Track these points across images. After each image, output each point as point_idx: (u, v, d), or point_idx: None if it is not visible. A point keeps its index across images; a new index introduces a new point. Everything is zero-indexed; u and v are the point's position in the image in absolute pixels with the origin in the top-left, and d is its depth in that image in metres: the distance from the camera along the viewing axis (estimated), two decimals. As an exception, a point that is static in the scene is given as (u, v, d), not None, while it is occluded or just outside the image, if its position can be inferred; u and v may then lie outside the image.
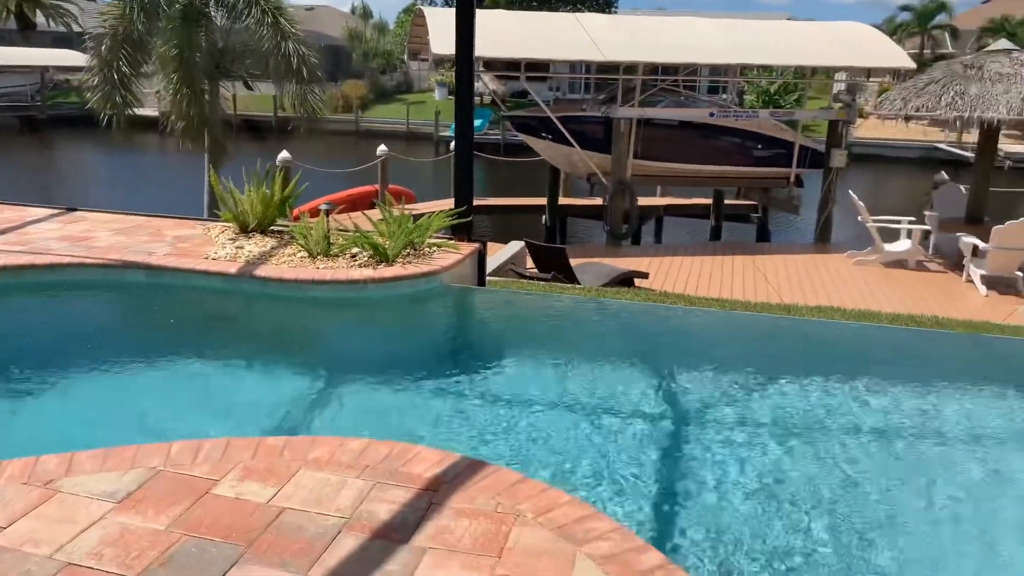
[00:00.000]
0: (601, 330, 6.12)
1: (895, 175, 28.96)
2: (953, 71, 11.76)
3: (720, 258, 12.66)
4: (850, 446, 4.10)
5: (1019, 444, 4.35)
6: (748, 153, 14.77)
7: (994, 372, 5.58)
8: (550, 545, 2.58)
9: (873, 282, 11.27)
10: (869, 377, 4.98)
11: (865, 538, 3.21)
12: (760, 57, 14.56)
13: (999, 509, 3.63)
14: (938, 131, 32.76)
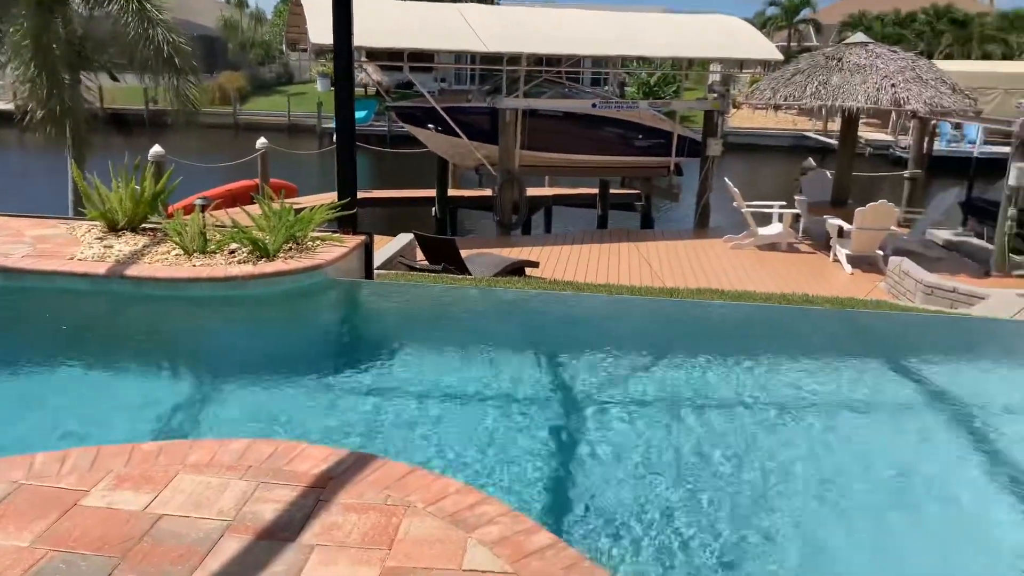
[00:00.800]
0: (491, 319, 6.15)
1: (767, 162, 30.43)
2: (816, 62, 12.46)
3: (607, 246, 12.98)
4: (730, 419, 4.29)
5: (881, 409, 4.66)
6: (630, 143, 15.18)
7: (856, 343, 5.96)
8: (441, 533, 2.57)
9: (748, 264, 11.83)
10: (746, 353, 5.22)
11: (750, 511, 3.37)
12: (639, 49, 14.97)
13: (863, 469, 3.88)
14: (806, 120, 34.75)
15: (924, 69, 12.06)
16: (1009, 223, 11.23)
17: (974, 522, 3.48)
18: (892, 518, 3.45)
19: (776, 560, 3.03)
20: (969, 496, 3.69)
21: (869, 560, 3.13)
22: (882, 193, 13.78)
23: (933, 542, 3.33)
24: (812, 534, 3.28)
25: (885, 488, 3.72)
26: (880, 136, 31.44)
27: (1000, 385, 5.24)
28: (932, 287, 9.17)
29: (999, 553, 3.24)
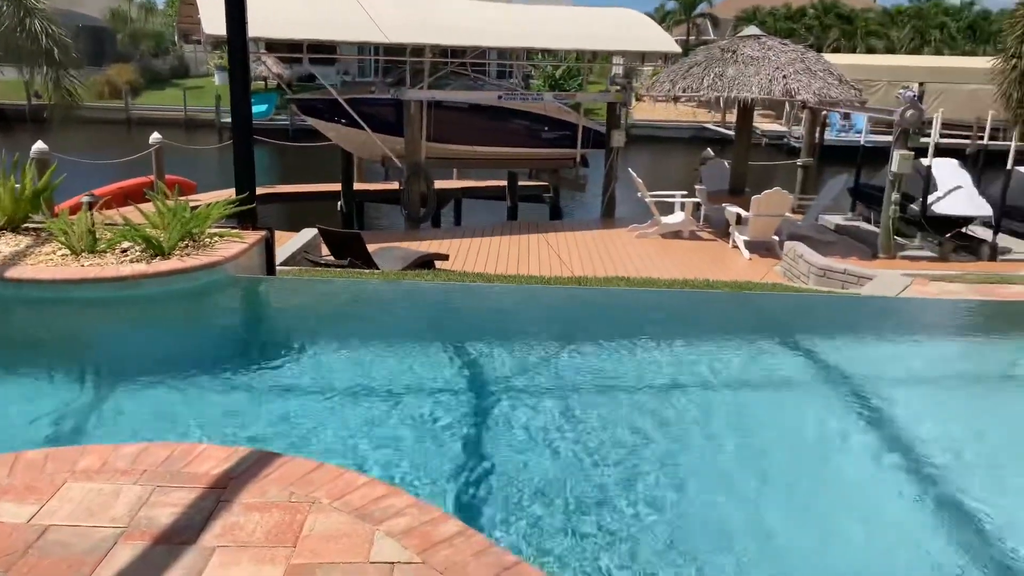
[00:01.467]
0: (399, 312, 6.10)
1: (670, 153, 31.23)
2: (712, 55, 12.86)
3: (517, 237, 13.05)
4: (639, 400, 4.40)
5: (778, 382, 4.87)
6: (537, 135, 15.30)
7: (753, 323, 6.20)
8: (348, 528, 2.54)
9: (653, 252, 12.12)
10: (651, 336, 5.36)
11: (659, 490, 3.46)
12: (543, 41, 15.10)
13: (762, 438, 4.05)
14: (705, 112, 35.86)
15: (813, 61, 12.61)
16: (893, 208, 11.88)
17: (862, 489, 3.68)
18: (788, 486, 3.61)
19: (681, 530, 3.13)
20: (856, 463, 3.90)
21: (773, 527, 3.27)
22: (777, 181, 14.31)
23: (820, 508, 3.50)
24: (711, 502, 3.40)
25: (787, 455, 3.89)
26: (775, 127, 32.74)
27: (886, 356, 5.56)
28: (824, 269, 9.60)
29: (882, 518, 3.44)
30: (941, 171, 13.20)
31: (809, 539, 3.26)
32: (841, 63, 18.26)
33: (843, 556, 3.12)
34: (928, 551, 3.16)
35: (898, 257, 11.91)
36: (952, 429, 4.37)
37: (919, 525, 3.36)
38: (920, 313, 7.08)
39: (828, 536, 3.27)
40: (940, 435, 4.24)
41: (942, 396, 4.94)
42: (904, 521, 3.38)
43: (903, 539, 3.26)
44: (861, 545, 3.20)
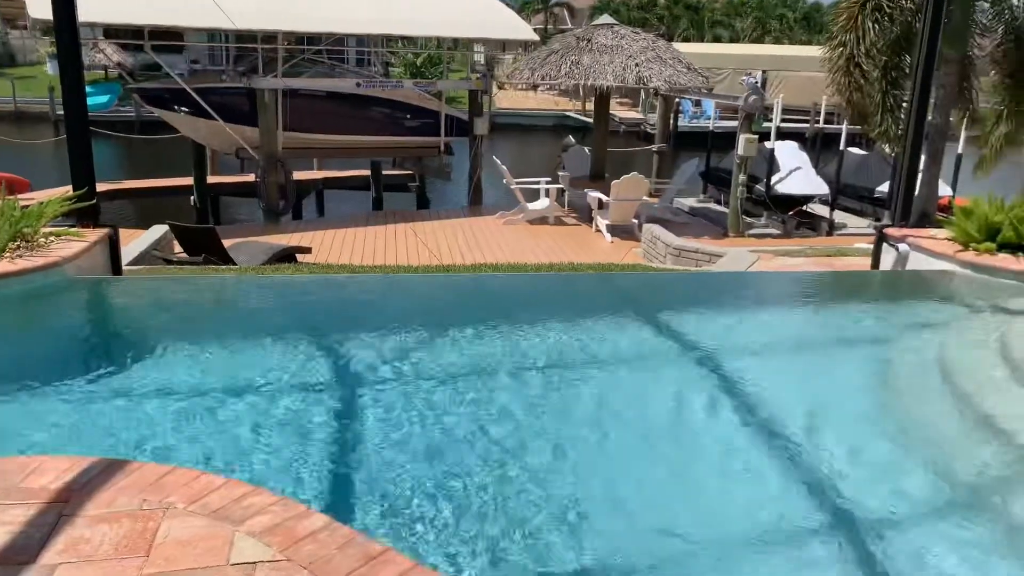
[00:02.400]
0: (258, 308, 5.88)
1: (533, 141, 31.71)
2: (568, 44, 13.13)
3: (383, 227, 12.88)
4: (515, 383, 4.45)
5: (640, 356, 5.05)
6: (399, 123, 15.14)
7: (614, 301, 6.41)
8: (205, 531, 2.43)
9: (521, 238, 12.30)
10: (521, 320, 5.43)
11: (529, 470, 3.51)
12: (402, 28, 14.91)
13: (629, 409, 4.20)
14: (567, 101, 36.64)
15: (663, 50, 13.13)
16: (741, 189, 12.59)
17: (718, 447, 3.89)
18: (650, 455, 3.77)
19: (539, 503, 3.19)
20: (714, 423, 4.12)
21: (635, 493, 3.39)
22: (635, 166, 14.84)
23: (681, 476, 3.68)
24: (575, 476, 3.50)
25: (653, 420, 4.06)
26: (632, 114, 33.89)
27: (737, 326, 5.90)
28: (680, 249, 10.05)
29: (736, 475, 3.65)
30: (783, 153, 14.13)
31: (675, 498, 3.42)
32: (690, 52, 19.13)
33: (703, 512, 3.29)
34: (776, 501, 3.39)
35: (747, 235, 12.64)
36: (796, 389, 4.69)
37: (770, 479, 3.59)
38: (767, 285, 7.55)
39: (691, 495, 3.45)
40: (786, 395, 4.55)
41: (787, 359, 5.30)
42: (757, 476, 3.60)
43: (756, 492, 3.48)
44: (719, 501, 3.39)
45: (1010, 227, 6.62)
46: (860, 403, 4.60)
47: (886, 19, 10.80)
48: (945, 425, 4.20)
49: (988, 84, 12.01)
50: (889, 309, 6.55)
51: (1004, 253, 6.64)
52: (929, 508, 3.42)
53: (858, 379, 5.01)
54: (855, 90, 11.15)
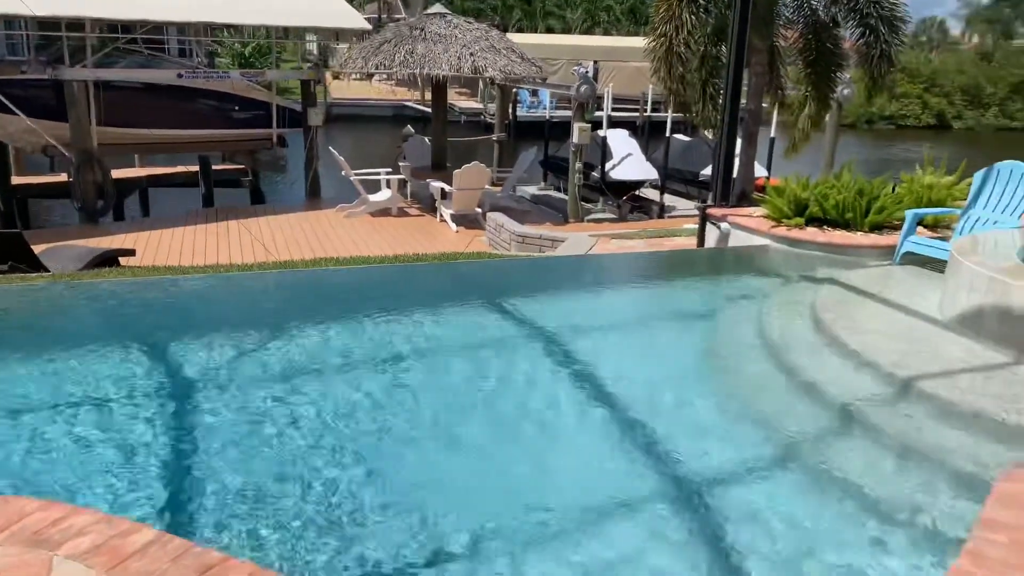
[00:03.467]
0: (75, 317, 5.43)
1: (373, 132, 31.17)
2: (401, 32, 12.99)
3: (215, 225, 12.24)
4: (358, 378, 4.37)
5: (488, 340, 5.11)
6: (226, 116, 14.42)
7: (461, 289, 6.44)
8: (18, 559, 2.22)
9: (363, 231, 12.08)
10: (365, 312, 5.34)
11: (377, 462, 3.45)
12: (224, 16, 14.17)
13: (480, 393, 4.24)
14: (406, 91, 36.27)
15: (497, 39, 13.26)
16: (577, 176, 12.98)
17: (562, 429, 4.01)
18: (500, 435, 3.83)
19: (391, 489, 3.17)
20: (561, 396, 4.24)
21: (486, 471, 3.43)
22: (477, 156, 14.94)
23: (533, 450, 3.76)
24: (427, 461, 3.50)
25: (504, 398, 4.11)
26: (472, 105, 34.09)
27: (580, 306, 6.10)
28: (523, 236, 10.23)
29: (577, 445, 3.78)
30: (615, 141, 14.68)
31: (525, 469, 3.48)
32: (524, 42, 19.45)
33: (553, 485, 3.38)
34: (614, 465, 3.54)
35: (585, 220, 13.06)
36: (636, 361, 4.92)
37: (609, 448, 3.74)
38: (605, 267, 7.85)
39: (541, 470, 3.53)
40: (628, 368, 4.75)
41: (626, 334, 5.55)
42: (597, 446, 3.75)
43: (599, 461, 3.61)
44: (564, 470, 3.49)
45: (815, 203, 7.24)
46: (692, 370, 4.89)
47: (702, 11, 11.44)
48: (766, 384, 4.54)
49: (794, 72, 13.03)
50: (714, 283, 7.00)
51: (811, 227, 7.25)
52: (757, 465, 3.68)
53: (689, 348, 5.32)
54: (677, 80, 11.75)
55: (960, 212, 6.60)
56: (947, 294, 5.23)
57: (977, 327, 4.77)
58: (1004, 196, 6.30)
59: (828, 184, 7.46)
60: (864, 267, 6.46)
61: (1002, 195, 6.31)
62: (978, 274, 4.81)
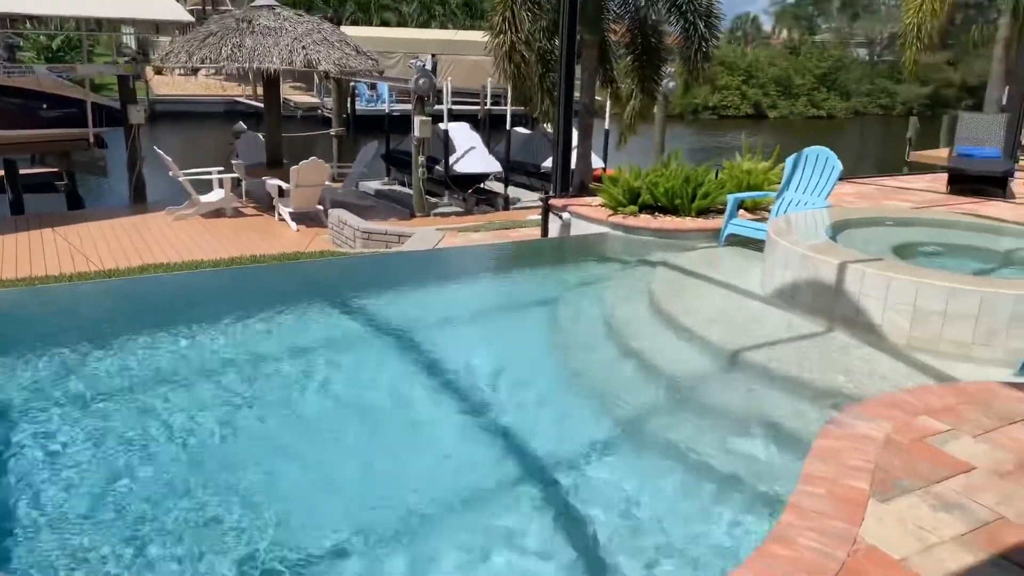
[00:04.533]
0: None
1: (203, 129, 29.61)
2: (227, 25, 12.36)
3: (25, 235, 11.17)
4: (199, 387, 4.14)
5: (336, 341, 4.98)
6: (32, 114, 13.17)
7: (303, 289, 6.24)
8: None
9: (195, 234, 11.43)
10: (198, 320, 5.06)
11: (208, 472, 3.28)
12: (25, 6, 12.94)
13: (321, 394, 4.12)
14: (236, 86, 34.64)
15: (329, 32, 12.91)
16: (421, 170, 12.92)
17: (418, 422, 3.99)
18: (354, 433, 3.75)
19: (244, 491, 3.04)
20: (415, 392, 4.21)
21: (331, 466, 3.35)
22: (316, 151, 14.51)
23: (386, 446, 3.72)
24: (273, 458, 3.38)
25: (354, 403, 4.02)
26: (308, 99, 33.09)
27: (429, 300, 6.08)
28: (368, 232, 10.05)
29: (433, 439, 3.77)
30: (457, 134, 14.74)
31: (385, 467, 3.43)
32: (359, 35, 19.12)
33: (408, 481, 3.35)
34: (467, 454, 3.56)
35: (432, 214, 13.04)
36: (487, 351, 4.97)
37: (463, 437, 3.76)
38: (453, 260, 7.87)
39: (397, 464, 3.49)
40: (479, 358, 4.79)
41: (476, 325, 5.59)
42: (452, 438, 3.75)
43: (453, 452, 3.62)
44: (422, 468, 3.47)
45: (647, 191, 7.60)
46: (540, 356, 5.00)
47: (537, 8, 11.71)
48: (609, 364, 4.72)
49: (624, 67, 13.60)
50: (558, 270, 7.19)
51: (644, 214, 7.61)
52: (603, 441, 3.82)
53: (536, 335, 5.44)
54: (518, 75, 11.96)
55: (775, 195, 7.13)
56: (766, 271, 5.64)
57: (792, 300, 5.18)
58: (812, 179, 6.87)
59: (658, 173, 7.84)
60: (693, 250, 6.85)
61: (811, 178, 6.88)
62: (792, 252, 5.22)
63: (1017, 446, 2.99)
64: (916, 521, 2.51)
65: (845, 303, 4.80)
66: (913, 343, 4.52)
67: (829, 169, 6.75)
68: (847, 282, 4.78)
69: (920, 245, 5.89)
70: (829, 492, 2.67)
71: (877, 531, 2.45)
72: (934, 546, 2.38)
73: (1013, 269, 5.63)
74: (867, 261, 4.87)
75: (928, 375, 4.20)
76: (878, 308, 4.65)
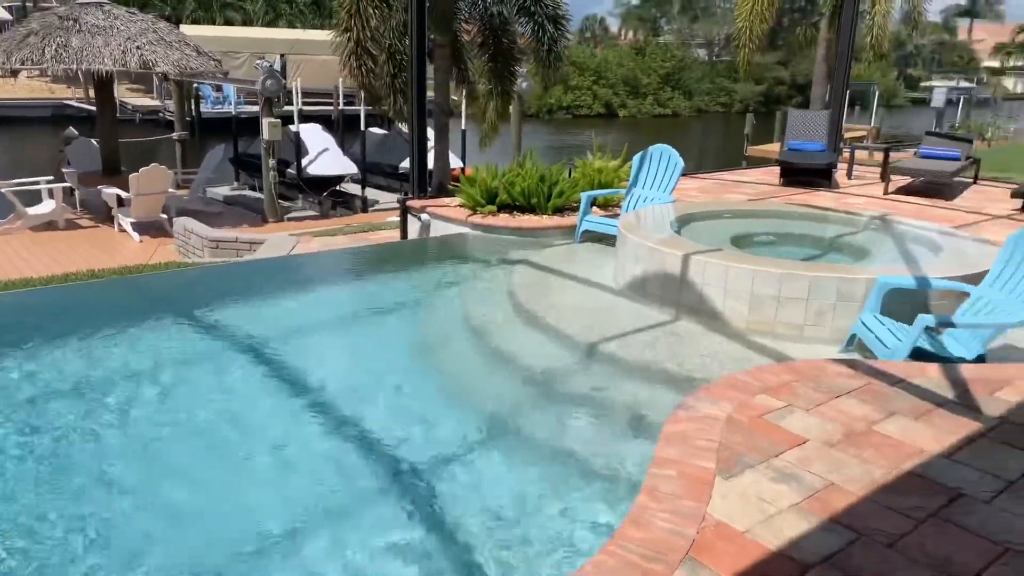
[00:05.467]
0: None
1: (28, 136, 27.37)
2: (51, 23, 11.45)
3: None
4: (31, 413, 3.81)
5: (184, 358, 4.74)
6: None
7: (147, 304, 5.89)
8: None
9: (23, 249, 10.53)
10: (26, 344, 4.67)
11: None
12: None
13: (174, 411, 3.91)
14: (65, 88, 32.16)
15: (166, 32, 12.23)
16: (272, 174, 12.48)
17: (281, 436, 3.86)
18: (213, 453, 3.57)
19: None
20: (276, 405, 4.07)
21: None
22: (158, 157, 13.70)
23: (245, 465, 3.57)
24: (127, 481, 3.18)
25: (214, 418, 3.83)
26: (147, 102, 31.24)
27: (285, 309, 5.89)
28: (217, 240, 9.62)
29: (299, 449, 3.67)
30: (309, 136, 14.35)
31: (240, 491, 3.29)
32: (201, 35, 18.26)
33: (269, 496, 3.24)
34: (333, 465, 3.49)
35: (285, 219, 12.63)
36: (349, 359, 4.88)
37: (328, 447, 3.68)
38: (309, 266, 7.66)
39: (256, 483, 3.36)
40: (341, 366, 4.70)
41: (336, 333, 5.48)
42: (317, 448, 3.66)
43: (319, 464, 3.53)
44: (285, 483, 3.36)
45: (504, 191, 7.70)
46: (404, 359, 4.97)
47: (386, 6, 11.57)
48: (473, 364, 4.76)
49: (479, 66, 13.69)
50: (419, 272, 7.16)
51: (503, 213, 7.71)
52: (470, 440, 3.84)
53: (399, 338, 5.40)
54: (367, 74, 11.78)
55: (625, 192, 7.41)
56: (618, 266, 5.86)
57: (643, 292, 5.41)
58: (658, 175, 7.19)
59: (514, 172, 7.96)
60: (551, 247, 7.01)
61: (656, 175, 7.20)
62: (640, 246, 5.45)
63: (844, 418, 3.26)
64: (757, 494, 2.68)
65: (690, 292, 5.06)
66: (752, 327, 4.83)
67: (672, 166, 7.10)
68: (691, 272, 5.05)
69: (756, 235, 6.30)
70: (679, 473, 2.81)
71: (723, 507, 2.61)
72: (773, 516, 2.56)
73: (838, 254, 6.12)
74: (708, 252, 5.16)
75: (766, 355, 4.50)
76: (719, 296, 4.93)
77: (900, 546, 2.40)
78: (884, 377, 3.68)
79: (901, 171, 10.16)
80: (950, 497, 2.67)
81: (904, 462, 2.91)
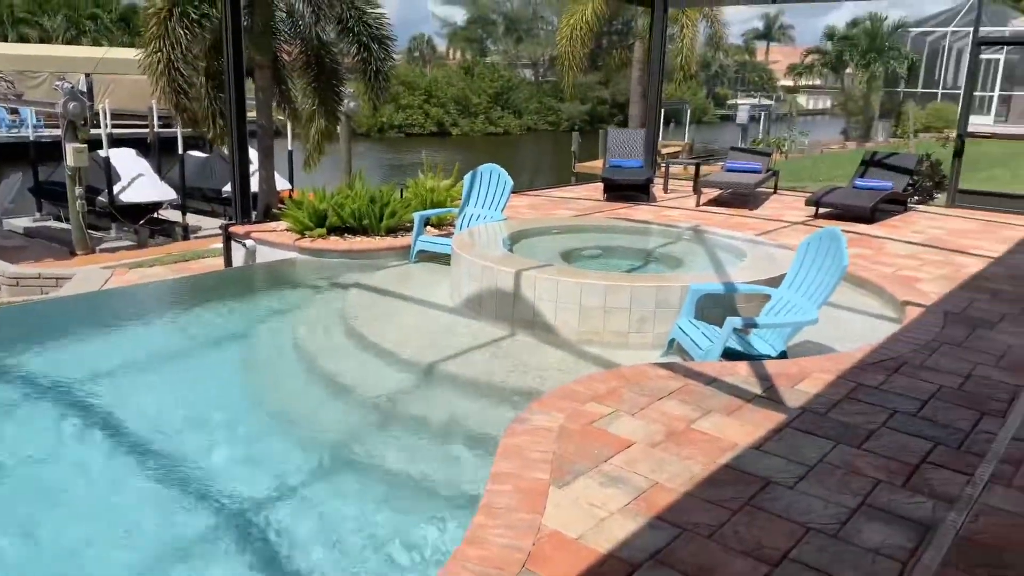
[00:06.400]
0: None
1: None
2: None
3: None
4: None
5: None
6: None
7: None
8: None
9: None
10: None
11: None
12: None
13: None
14: None
15: (-53, 49, 11.11)
16: (80, 202, 11.56)
17: (100, 481, 3.56)
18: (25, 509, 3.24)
19: None
20: (93, 455, 3.74)
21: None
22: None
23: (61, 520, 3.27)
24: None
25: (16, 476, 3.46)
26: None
27: (96, 350, 5.45)
28: (17, 277, 8.78)
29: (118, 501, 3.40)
30: (120, 161, 13.45)
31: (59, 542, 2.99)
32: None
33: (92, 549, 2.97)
34: (161, 514, 3.27)
35: (97, 251, 11.74)
36: (170, 399, 4.58)
37: (154, 494, 3.43)
38: (124, 301, 7.13)
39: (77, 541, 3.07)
40: (162, 405, 4.40)
41: (156, 372, 5.12)
42: (142, 497, 3.41)
43: (144, 516, 3.28)
44: (112, 532, 3.10)
45: (333, 213, 7.55)
46: (231, 394, 4.74)
47: (196, 25, 11.08)
48: (306, 395, 4.61)
49: (304, 87, 13.38)
50: (245, 301, 6.85)
51: (333, 236, 7.55)
52: (305, 473, 3.71)
53: (225, 372, 5.14)
54: (181, 94, 11.22)
55: (457, 211, 7.49)
56: (453, 284, 5.91)
57: (479, 310, 5.48)
58: (488, 194, 7.33)
59: (343, 194, 7.83)
60: (385, 268, 6.95)
61: (487, 193, 7.34)
62: (474, 264, 5.52)
63: (665, 419, 3.45)
64: (588, 500, 2.78)
65: (523, 307, 5.19)
66: (582, 337, 5.01)
67: (502, 184, 7.26)
68: (523, 288, 5.17)
69: (583, 249, 6.55)
70: (515, 487, 2.86)
71: (557, 516, 2.68)
72: (604, 520, 2.66)
73: (657, 264, 6.48)
74: (539, 267, 5.31)
75: (596, 364, 4.68)
76: (551, 309, 5.09)
77: (718, 536, 2.57)
78: (700, 377, 3.93)
79: (710, 184, 10.94)
80: (760, 486, 2.90)
81: (719, 456, 3.12)
